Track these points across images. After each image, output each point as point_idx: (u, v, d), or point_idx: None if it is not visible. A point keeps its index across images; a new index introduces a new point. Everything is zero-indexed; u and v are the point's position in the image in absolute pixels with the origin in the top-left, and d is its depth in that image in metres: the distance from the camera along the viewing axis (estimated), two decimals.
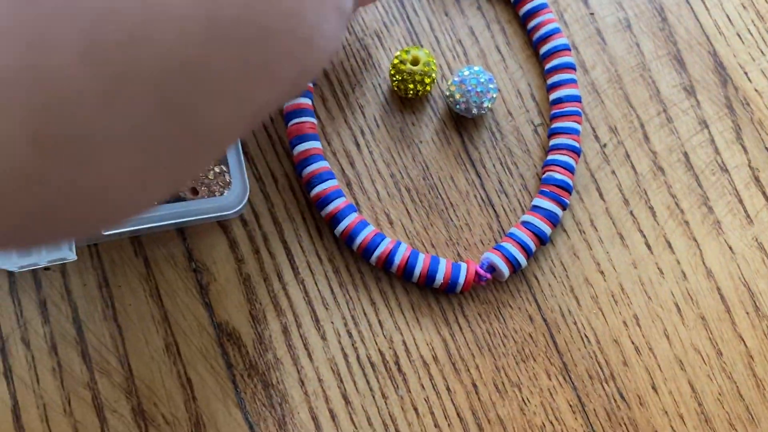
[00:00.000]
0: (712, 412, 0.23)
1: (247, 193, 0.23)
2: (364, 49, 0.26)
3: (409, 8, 0.26)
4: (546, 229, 0.23)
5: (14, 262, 0.21)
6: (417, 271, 0.23)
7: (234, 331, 0.23)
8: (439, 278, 0.23)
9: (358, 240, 0.23)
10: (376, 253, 0.23)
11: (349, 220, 0.23)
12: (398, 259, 0.23)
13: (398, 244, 0.23)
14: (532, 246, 0.23)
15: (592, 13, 0.27)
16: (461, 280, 0.23)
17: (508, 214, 0.25)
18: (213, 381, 0.23)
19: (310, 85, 0.24)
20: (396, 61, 0.24)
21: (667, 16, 0.27)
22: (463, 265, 0.23)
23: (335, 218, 0.23)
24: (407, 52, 0.24)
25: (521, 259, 0.23)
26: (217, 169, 0.23)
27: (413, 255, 0.23)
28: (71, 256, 0.21)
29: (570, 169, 0.24)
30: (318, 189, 0.23)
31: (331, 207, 0.23)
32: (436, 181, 0.25)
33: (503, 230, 0.25)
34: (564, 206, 0.24)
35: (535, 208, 0.24)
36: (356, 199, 0.25)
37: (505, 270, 0.23)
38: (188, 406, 0.23)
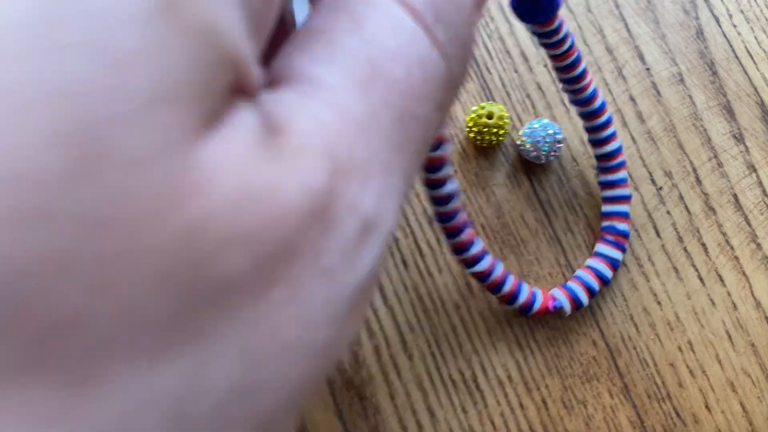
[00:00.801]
0: (763, 430, 0.26)
1: None
2: None
3: (483, 67, 0.30)
4: (608, 273, 0.26)
5: None
6: (506, 288, 0.25)
7: None
8: (521, 299, 0.25)
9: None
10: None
11: (476, 249, 0.24)
12: (495, 275, 0.25)
13: (497, 261, 0.25)
14: (596, 287, 0.26)
15: (647, 68, 0.30)
16: (536, 307, 0.26)
17: (574, 250, 0.28)
18: (316, 394, 0.26)
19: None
20: (473, 114, 0.28)
21: (717, 70, 0.30)
22: (539, 293, 0.26)
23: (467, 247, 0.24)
24: (483, 107, 0.28)
25: (584, 299, 0.26)
26: None
27: (506, 274, 0.25)
28: None
29: (628, 217, 0.27)
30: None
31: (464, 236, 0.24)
32: (508, 220, 0.28)
33: (569, 264, 0.28)
34: (624, 251, 0.27)
35: (599, 255, 0.27)
36: (437, 237, 0.28)
37: (569, 308, 0.26)
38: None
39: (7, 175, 0.06)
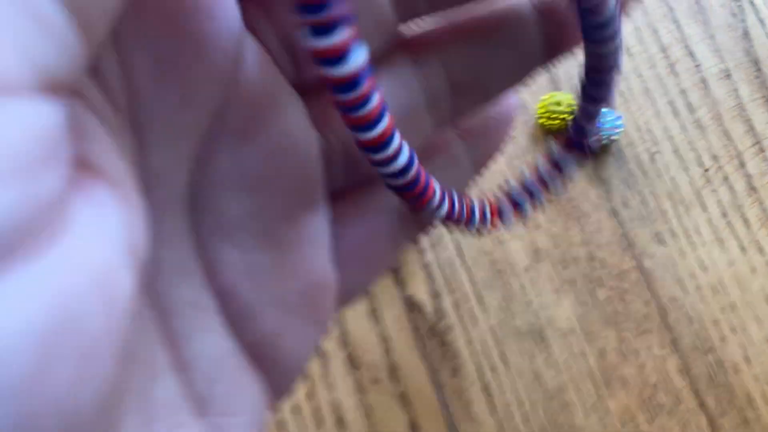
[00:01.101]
0: None
1: None
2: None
3: None
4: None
5: None
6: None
7: (417, 303, 0.31)
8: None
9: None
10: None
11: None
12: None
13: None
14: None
15: (697, 65, 0.34)
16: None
17: (631, 221, 0.32)
18: (405, 337, 0.31)
19: None
20: (543, 102, 0.32)
21: (761, 67, 0.34)
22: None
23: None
24: (552, 96, 0.32)
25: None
26: None
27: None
28: None
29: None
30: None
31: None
32: (573, 195, 0.33)
33: (626, 235, 0.32)
34: None
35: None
36: None
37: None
38: (387, 356, 0.31)
39: None
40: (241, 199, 0.14)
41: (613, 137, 0.32)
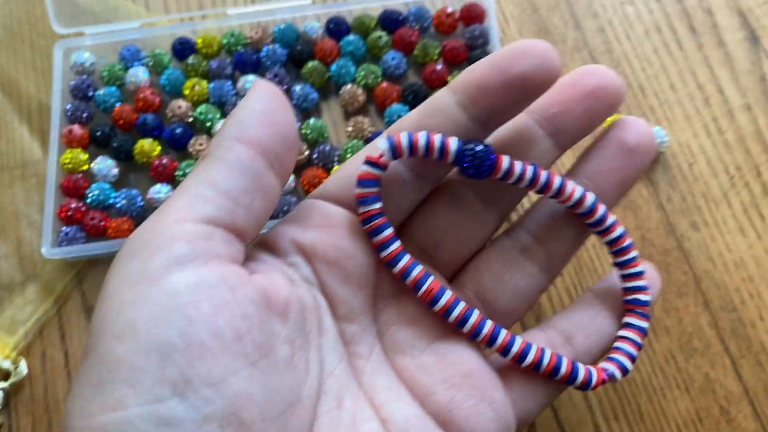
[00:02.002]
0: None
1: None
2: None
3: None
4: (640, 341, 0.28)
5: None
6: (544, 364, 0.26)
7: None
8: (581, 376, 0.26)
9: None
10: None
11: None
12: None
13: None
14: (635, 354, 0.28)
15: (725, 100, 0.45)
16: (594, 381, 0.26)
17: (674, 215, 0.43)
18: None
19: None
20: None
21: None
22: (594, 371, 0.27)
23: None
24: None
25: (628, 365, 0.28)
26: None
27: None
28: None
29: (647, 289, 0.29)
30: None
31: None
32: (630, 192, 0.43)
33: (671, 224, 0.42)
34: (648, 318, 0.29)
35: (630, 326, 0.28)
36: None
37: (618, 375, 0.27)
38: None
39: None
40: (405, 329, 0.26)
41: (661, 150, 0.43)
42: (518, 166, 0.25)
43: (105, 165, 0.43)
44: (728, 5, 0.47)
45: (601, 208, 0.27)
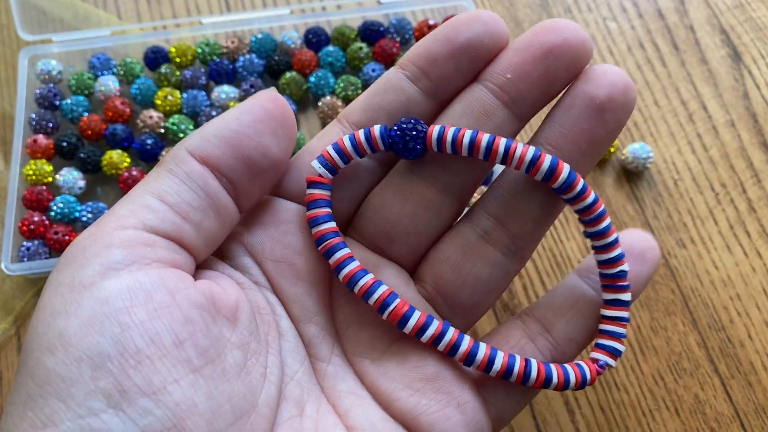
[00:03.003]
0: None
1: None
2: None
3: None
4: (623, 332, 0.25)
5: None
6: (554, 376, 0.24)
7: None
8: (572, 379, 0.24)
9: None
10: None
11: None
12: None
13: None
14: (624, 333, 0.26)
15: (710, 116, 0.44)
16: (589, 378, 0.24)
17: (660, 231, 0.42)
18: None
19: None
20: None
21: (758, 119, 0.44)
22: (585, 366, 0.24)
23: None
24: None
25: (620, 347, 0.25)
26: None
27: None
28: None
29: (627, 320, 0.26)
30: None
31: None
32: (614, 209, 0.42)
33: (660, 246, 0.41)
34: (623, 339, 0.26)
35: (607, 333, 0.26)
36: (566, 216, 0.42)
37: (612, 362, 0.25)
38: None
39: None
40: (364, 330, 0.24)
41: (646, 165, 0.42)
42: (451, 132, 0.22)
43: (71, 177, 0.41)
44: (710, 23, 0.47)
45: (565, 169, 0.22)
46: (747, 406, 0.38)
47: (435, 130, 0.23)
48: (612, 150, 0.42)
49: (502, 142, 0.22)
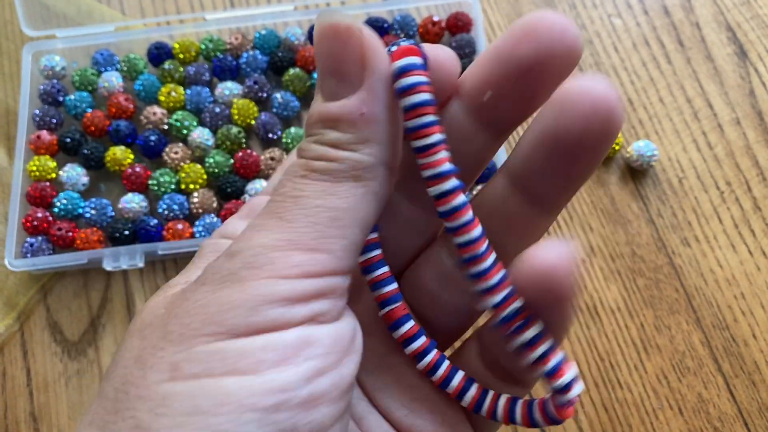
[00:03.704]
0: None
1: None
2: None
3: None
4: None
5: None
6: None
7: None
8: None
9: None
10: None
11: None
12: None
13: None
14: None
15: (715, 114, 0.44)
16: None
17: (664, 229, 0.42)
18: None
19: None
20: None
21: (763, 117, 0.44)
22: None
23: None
24: None
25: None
26: None
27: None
28: None
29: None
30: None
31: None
32: (619, 207, 0.42)
33: (661, 238, 0.41)
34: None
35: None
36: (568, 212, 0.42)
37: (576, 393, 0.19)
38: None
39: None
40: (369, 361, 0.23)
41: (651, 163, 0.42)
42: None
43: (74, 173, 0.41)
44: (716, 20, 0.47)
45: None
46: (750, 405, 0.38)
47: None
48: (616, 148, 0.42)
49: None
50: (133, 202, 0.40)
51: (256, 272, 0.16)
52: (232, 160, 0.42)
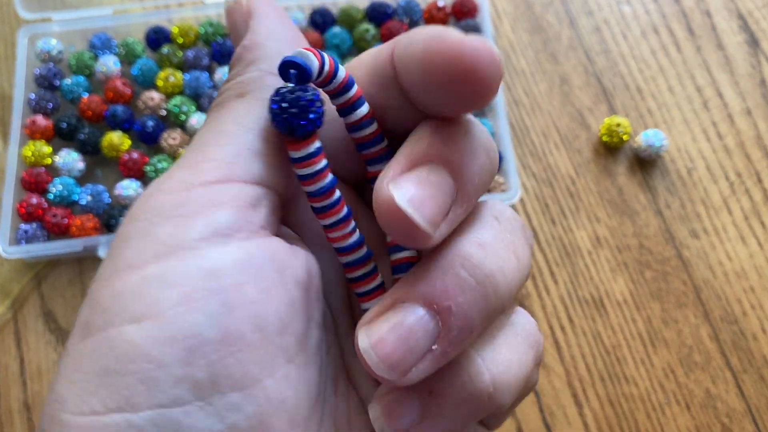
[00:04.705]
0: None
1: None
2: (580, 117, 0.43)
3: (609, 95, 0.43)
4: None
5: None
6: None
7: None
8: None
9: None
10: None
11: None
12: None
13: None
14: None
15: (725, 104, 0.43)
16: None
17: (672, 220, 0.41)
18: None
19: None
20: (606, 123, 0.41)
21: None
22: None
23: None
24: (613, 119, 0.41)
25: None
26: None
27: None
28: None
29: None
30: None
31: None
32: (627, 198, 0.41)
33: (669, 229, 0.40)
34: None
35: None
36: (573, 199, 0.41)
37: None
38: None
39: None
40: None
41: (660, 153, 0.41)
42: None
43: (70, 158, 0.40)
44: (727, 8, 0.46)
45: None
46: (759, 401, 0.37)
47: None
48: (625, 138, 0.41)
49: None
50: (129, 188, 0.39)
51: (145, 200, 0.16)
52: None
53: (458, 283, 0.16)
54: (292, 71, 0.16)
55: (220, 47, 0.43)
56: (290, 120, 0.16)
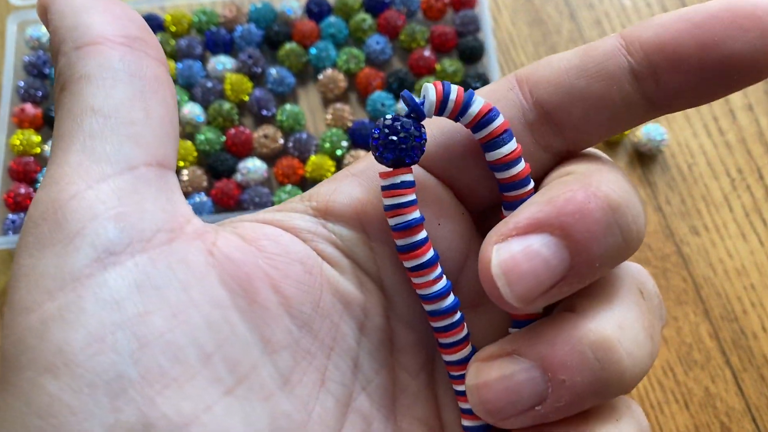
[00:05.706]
0: None
1: None
2: None
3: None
4: None
5: None
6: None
7: None
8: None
9: None
10: None
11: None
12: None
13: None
14: None
15: (727, 99, 0.43)
16: None
17: (672, 217, 0.40)
18: None
19: None
20: None
21: None
22: None
23: None
24: None
25: None
26: None
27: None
28: None
29: None
30: None
31: None
32: None
33: (669, 227, 0.40)
34: None
35: None
36: None
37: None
38: None
39: None
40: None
41: (660, 148, 0.40)
42: None
43: None
44: None
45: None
46: (759, 400, 0.36)
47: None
48: (625, 132, 0.41)
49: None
50: None
51: (25, 229, 0.15)
52: (223, 137, 0.40)
53: (582, 362, 0.15)
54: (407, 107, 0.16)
55: (213, 36, 0.42)
56: (376, 146, 0.16)
